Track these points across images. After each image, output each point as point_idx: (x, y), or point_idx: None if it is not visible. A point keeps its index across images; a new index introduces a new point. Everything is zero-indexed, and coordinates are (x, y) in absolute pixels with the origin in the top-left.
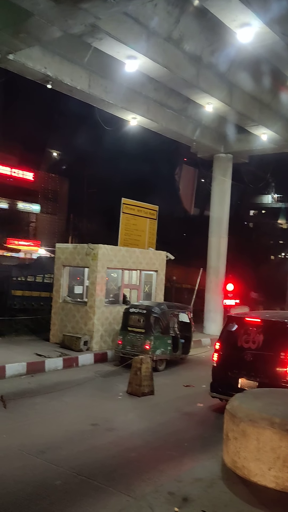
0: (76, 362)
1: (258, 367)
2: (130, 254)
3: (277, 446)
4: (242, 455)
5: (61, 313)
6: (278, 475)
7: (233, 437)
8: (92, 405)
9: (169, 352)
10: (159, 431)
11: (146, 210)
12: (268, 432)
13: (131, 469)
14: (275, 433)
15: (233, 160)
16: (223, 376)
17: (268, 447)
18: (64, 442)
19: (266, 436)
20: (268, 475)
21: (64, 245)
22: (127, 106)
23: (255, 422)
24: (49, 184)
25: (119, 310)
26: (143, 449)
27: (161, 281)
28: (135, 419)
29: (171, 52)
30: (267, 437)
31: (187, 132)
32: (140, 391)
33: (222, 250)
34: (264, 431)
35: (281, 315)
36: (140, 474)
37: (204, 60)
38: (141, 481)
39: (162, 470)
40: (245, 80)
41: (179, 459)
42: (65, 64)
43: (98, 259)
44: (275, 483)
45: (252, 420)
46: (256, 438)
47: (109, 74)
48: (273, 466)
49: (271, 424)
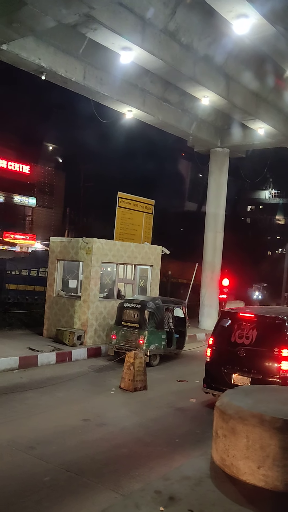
0: (70, 357)
1: (251, 362)
2: (125, 249)
3: (267, 444)
4: (231, 453)
5: (55, 307)
6: (267, 474)
7: (222, 435)
8: (84, 400)
9: (163, 347)
10: (151, 426)
11: (142, 204)
12: (258, 430)
13: (121, 465)
14: (265, 430)
15: (230, 154)
16: (216, 371)
17: (258, 445)
18: (54, 437)
19: (256, 434)
20: (257, 474)
21: (58, 238)
22: (123, 98)
23: (245, 420)
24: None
25: (114, 304)
26: (134, 445)
27: (156, 275)
28: (127, 415)
29: (167, 44)
30: (256, 435)
31: (184, 126)
32: (133, 386)
33: (218, 245)
34: (254, 428)
35: (275, 310)
36: (129, 470)
37: (200, 52)
38: (131, 477)
39: (152, 467)
40: (242, 73)
41: (170, 456)
42: (59, 55)
43: (92, 253)
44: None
45: (242, 418)
46: (245, 436)
47: (104, 65)
48: (263, 465)
49: (261, 421)
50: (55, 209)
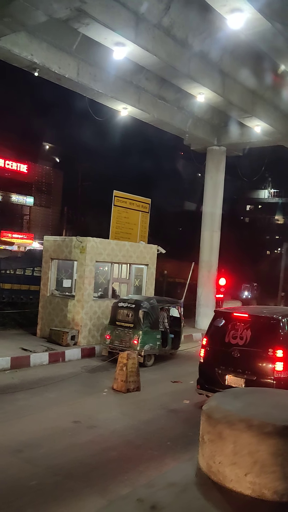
0: (63, 357)
1: (245, 363)
2: (120, 248)
3: (255, 450)
4: (218, 459)
5: (49, 307)
6: (254, 481)
7: (209, 440)
8: (75, 402)
9: (158, 347)
10: (142, 429)
11: (138, 203)
12: (246, 435)
13: (110, 469)
14: (253, 436)
15: (226, 153)
16: (210, 372)
17: (245, 451)
18: (43, 440)
19: (243, 439)
20: (244, 481)
21: (52, 237)
22: (117, 95)
23: (233, 424)
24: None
25: (108, 304)
26: (124, 447)
27: (151, 275)
28: (119, 416)
29: (161, 39)
30: (244, 441)
31: (180, 124)
32: (125, 387)
33: (214, 244)
34: (241, 434)
35: (270, 310)
36: (118, 474)
37: (195, 48)
38: (119, 482)
39: (141, 470)
40: (238, 70)
41: (160, 459)
42: (52, 51)
43: (86, 252)
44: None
45: (229, 422)
46: (233, 441)
47: (98, 62)
48: (250, 472)
49: (249, 426)
50: (53, 208)
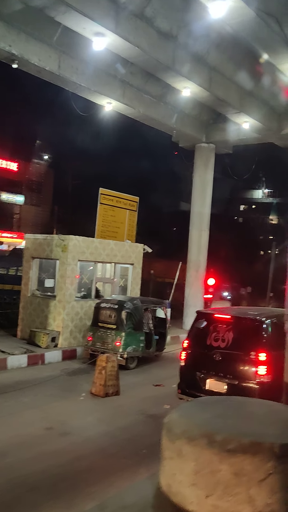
0: (42, 360)
1: (227, 367)
2: (103, 246)
3: (217, 470)
4: (178, 478)
5: (30, 307)
6: (216, 504)
7: (169, 457)
8: (50, 406)
9: (141, 349)
10: (117, 436)
11: (126, 201)
12: (207, 453)
13: (79, 480)
14: (215, 453)
15: (215, 150)
16: (191, 376)
17: (207, 470)
18: (11, 448)
19: (204, 457)
20: (205, 504)
21: (33, 235)
22: (101, 89)
23: (193, 440)
24: (34, 175)
25: (91, 304)
26: (96, 456)
27: (137, 274)
28: (94, 423)
29: (144, 30)
30: (206, 459)
31: (167, 120)
32: (104, 391)
33: (203, 243)
34: (203, 450)
35: (254, 311)
36: (87, 486)
37: (180, 40)
38: (87, 494)
39: (112, 481)
40: (225, 64)
41: (134, 469)
42: (32, 43)
43: (68, 251)
44: None
45: (189, 438)
46: (193, 459)
47: (80, 55)
48: (212, 494)
49: (211, 442)
50: (43, 207)
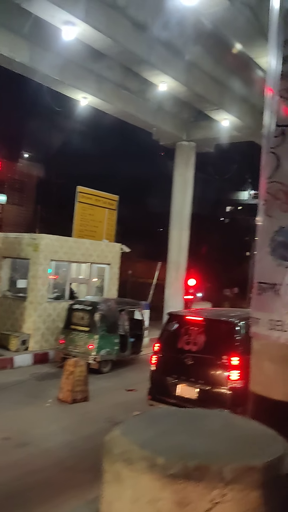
0: (11, 364)
1: (198, 371)
2: (78, 246)
3: (157, 498)
4: (116, 506)
5: (0, 309)
6: None
7: (108, 481)
8: (12, 414)
9: (115, 352)
10: (79, 446)
11: (105, 200)
12: (147, 478)
13: (30, 497)
14: (155, 479)
15: (196, 149)
16: (162, 381)
17: (146, 499)
18: None
19: (144, 483)
20: None
21: (4, 234)
22: (76, 83)
23: (132, 463)
24: (16, 174)
25: (65, 306)
26: (54, 469)
27: (114, 275)
28: (56, 432)
29: (116, 20)
30: (145, 485)
31: (146, 117)
32: (71, 397)
33: (183, 243)
34: (141, 476)
35: (227, 313)
36: (38, 504)
37: (156, 33)
38: None
39: (66, 499)
40: (203, 58)
41: (91, 483)
42: (2, 32)
43: (40, 250)
44: None
45: (128, 460)
46: (131, 485)
47: (53, 46)
48: None
49: (152, 466)
50: (26, 207)
